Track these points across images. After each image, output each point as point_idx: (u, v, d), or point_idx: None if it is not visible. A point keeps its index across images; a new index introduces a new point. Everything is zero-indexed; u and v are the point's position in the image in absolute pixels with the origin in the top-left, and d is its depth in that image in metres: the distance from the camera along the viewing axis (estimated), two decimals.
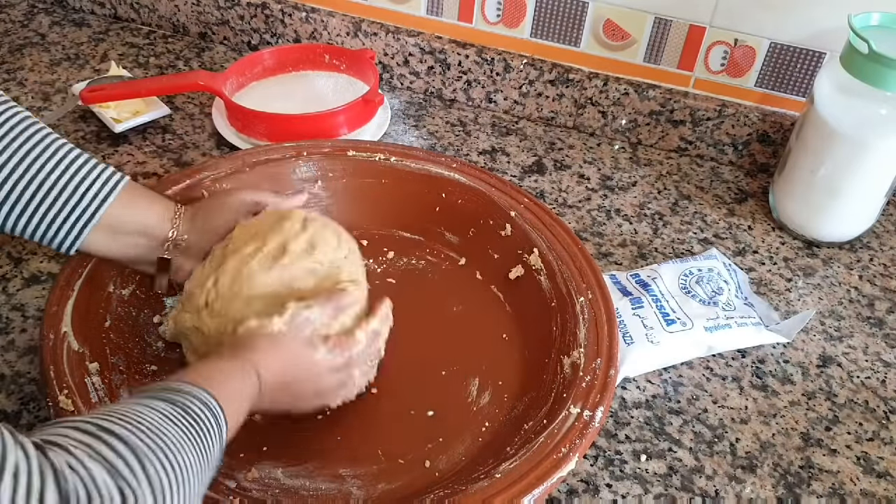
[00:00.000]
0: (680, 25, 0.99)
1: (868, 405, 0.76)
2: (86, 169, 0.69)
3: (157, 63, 1.15)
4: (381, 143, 0.96)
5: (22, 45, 1.16)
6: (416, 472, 0.67)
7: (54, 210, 0.67)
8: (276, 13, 1.14)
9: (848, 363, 0.80)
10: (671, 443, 0.72)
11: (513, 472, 0.61)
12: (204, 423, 0.52)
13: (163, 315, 0.77)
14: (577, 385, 0.67)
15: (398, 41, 1.10)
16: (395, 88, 1.14)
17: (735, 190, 1.02)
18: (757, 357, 0.80)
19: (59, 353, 0.67)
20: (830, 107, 0.87)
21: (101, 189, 0.69)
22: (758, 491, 0.69)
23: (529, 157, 1.04)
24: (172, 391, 0.53)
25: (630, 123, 1.06)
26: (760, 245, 0.94)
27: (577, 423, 0.64)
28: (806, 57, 0.97)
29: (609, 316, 0.73)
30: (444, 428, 0.70)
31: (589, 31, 1.03)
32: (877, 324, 0.85)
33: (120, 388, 0.68)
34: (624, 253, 0.91)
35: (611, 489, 0.68)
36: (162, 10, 1.20)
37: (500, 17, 1.06)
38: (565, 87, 1.06)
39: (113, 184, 0.69)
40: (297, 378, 0.64)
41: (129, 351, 0.72)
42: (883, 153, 0.86)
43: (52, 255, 0.84)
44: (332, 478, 0.66)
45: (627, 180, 1.02)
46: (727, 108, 1.02)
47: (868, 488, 0.69)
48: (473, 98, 1.12)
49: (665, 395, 0.76)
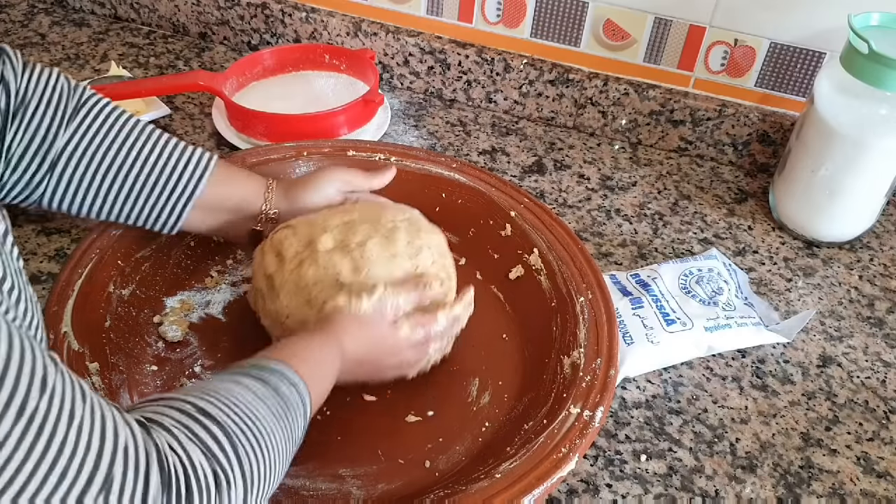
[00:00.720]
0: (680, 25, 0.99)
1: (868, 405, 0.76)
2: (178, 150, 0.72)
3: (157, 63, 1.15)
4: (381, 143, 0.96)
5: (22, 45, 1.16)
6: (416, 472, 0.67)
7: (155, 194, 0.71)
8: (276, 13, 1.14)
9: (848, 363, 0.80)
10: (671, 443, 0.72)
11: (513, 472, 0.61)
12: (291, 404, 0.54)
13: (163, 315, 0.77)
14: (577, 385, 0.67)
15: (398, 41, 1.10)
16: (395, 88, 1.14)
17: (735, 190, 1.02)
18: (757, 357, 0.80)
19: (59, 353, 0.67)
20: (830, 107, 0.87)
21: (196, 168, 0.72)
22: (758, 491, 0.69)
23: (529, 157, 1.04)
24: (265, 370, 0.55)
25: (630, 123, 1.06)
26: (760, 245, 0.94)
27: (577, 423, 0.64)
28: (806, 57, 0.97)
29: (609, 316, 0.73)
30: (444, 428, 0.70)
31: (589, 32, 1.03)
32: (877, 324, 0.85)
33: (120, 388, 0.68)
34: (624, 253, 0.91)
35: (611, 489, 0.68)
36: (162, 10, 1.20)
37: (500, 18, 1.06)
38: (565, 87, 1.06)
39: (206, 162, 0.73)
40: (378, 354, 0.67)
41: (129, 351, 0.72)
42: (883, 153, 0.86)
43: (52, 255, 0.84)
44: (332, 478, 0.66)
45: (627, 180, 1.02)
46: (727, 108, 1.02)
47: (868, 488, 0.69)
48: (473, 98, 1.12)
49: (665, 395, 0.76)
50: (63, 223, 0.87)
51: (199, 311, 0.79)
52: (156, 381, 0.72)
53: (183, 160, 0.72)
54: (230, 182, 0.75)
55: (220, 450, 0.47)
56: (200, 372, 0.73)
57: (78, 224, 0.87)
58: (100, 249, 0.76)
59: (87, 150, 0.68)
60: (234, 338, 0.77)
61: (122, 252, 0.77)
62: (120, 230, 0.78)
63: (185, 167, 0.71)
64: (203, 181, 0.72)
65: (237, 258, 0.84)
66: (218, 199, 0.74)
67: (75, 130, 0.68)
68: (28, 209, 0.88)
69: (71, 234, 0.86)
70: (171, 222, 0.73)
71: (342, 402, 0.72)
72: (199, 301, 0.80)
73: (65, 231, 0.87)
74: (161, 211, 0.72)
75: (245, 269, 0.83)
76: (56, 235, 0.86)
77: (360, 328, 0.66)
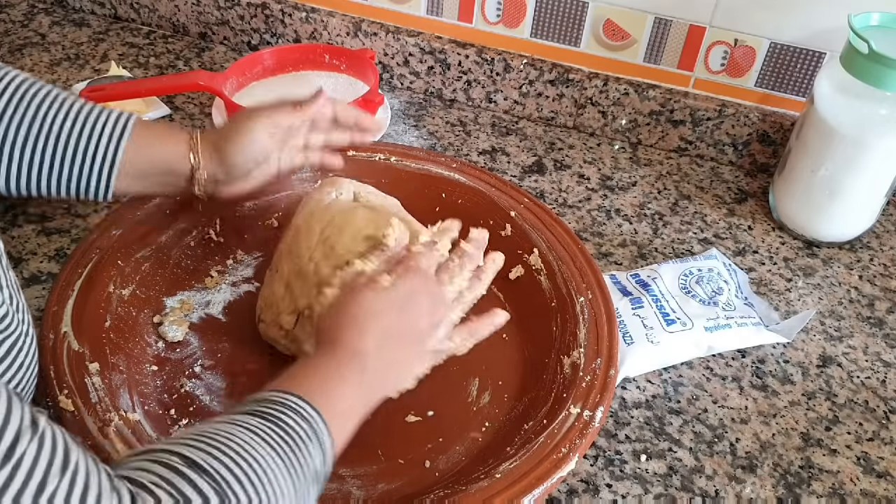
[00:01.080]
0: (680, 25, 0.99)
1: (868, 405, 0.76)
2: (93, 117, 0.69)
3: (157, 63, 1.15)
4: (381, 143, 0.96)
5: (22, 45, 1.16)
6: (416, 472, 0.67)
7: (77, 165, 0.68)
8: (276, 13, 1.14)
9: (848, 363, 0.80)
10: (671, 443, 0.72)
11: (513, 472, 0.61)
12: (298, 434, 0.50)
13: (163, 315, 0.77)
14: (577, 385, 0.67)
15: (398, 41, 1.10)
16: (395, 88, 1.14)
17: (735, 190, 1.02)
18: (757, 357, 0.80)
19: (59, 353, 0.67)
20: (830, 107, 0.87)
21: (113, 133, 0.68)
22: (758, 491, 0.68)
23: (529, 157, 1.04)
24: (265, 403, 0.52)
25: (630, 123, 1.06)
26: (760, 245, 0.94)
27: (577, 423, 0.64)
28: (806, 57, 0.97)
29: (609, 316, 0.73)
30: (444, 428, 0.70)
31: (589, 32, 1.03)
32: (877, 324, 0.85)
33: (120, 388, 0.68)
34: (624, 253, 0.91)
35: (611, 489, 0.68)
36: (162, 10, 1.20)
37: (500, 18, 1.06)
38: (565, 87, 1.06)
39: (122, 126, 0.69)
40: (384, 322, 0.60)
41: (129, 351, 0.72)
42: (883, 153, 0.86)
43: (52, 255, 0.84)
44: (333, 478, 0.66)
45: (627, 180, 1.02)
46: (727, 108, 1.02)
47: (868, 488, 0.69)
48: (473, 98, 1.12)
49: (665, 395, 0.76)
50: (63, 223, 0.87)
51: (199, 311, 0.79)
52: (156, 381, 0.72)
53: (98, 127, 0.68)
54: (152, 145, 0.70)
55: None
56: (200, 372, 0.73)
57: (78, 224, 0.87)
58: (100, 249, 0.76)
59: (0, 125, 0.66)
60: (234, 338, 0.76)
61: (122, 252, 0.77)
62: (120, 230, 0.78)
63: (101, 134, 0.68)
64: (121, 147, 0.68)
65: (237, 258, 0.84)
66: (143, 165, 0.70)
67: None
68: (28, 209, 0.88)
69: (71, 234, 0.86)
70: (101, 190, 0.69)
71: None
72: (199, 301, 0.80)
73: (65, 231, 0.87)
74: (88, 182, 0.69)
75: (245, 270, 0.83)
76: (56, 235, 0.86)
77: (343, 313, 0.60)
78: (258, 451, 0.48)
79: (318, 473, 0.52)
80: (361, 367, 0.58)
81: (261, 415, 0.50)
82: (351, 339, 0.58)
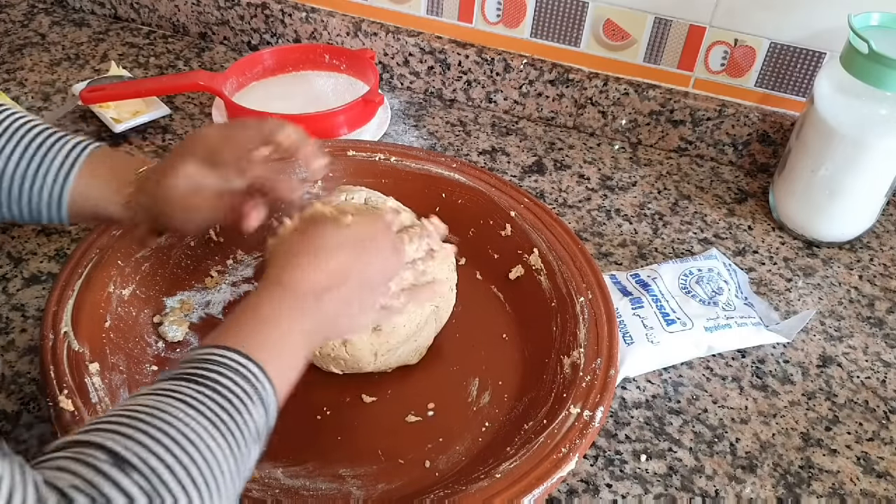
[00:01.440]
0: (680, 25, 0.99)
1: (868, 405, 0.76)
2: (50, 142, 0.65)
3: (157, 63, 1.15)
4: (381, 143, 0.96)
5: (22, 45, 1.16)
6: (416, 472, 0.67)
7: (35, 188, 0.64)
8: (276, 13, 1.14)
9: (848, 363, 0.80)
10: (671, 443, 0.72)
11: (513, 472, 0.61)
12: (239, 398, 0.47)
13: (163, 315, 0.77)
14: (577, 385, 0.67)
15: (398, 41, 1.10)
16: (395, 88, 1.14)
17: (735, 190, 1.02)
18: (757, 357, 0.80)
19: (59, 353, 0.67)
20: (830, 107, 0.87)
21: (65, 162, 0.65)
22: (758, 491, 0.69)
23: (529, 157, 1.04)
24: (203, 364, 0.48)
25: (630, 123, 1.06)
26: (760, 245, 0.94)
27: (577, 423, 0.64)
28: (806, 57, 0.97)
29: (609, 316, 0.73)
30: (444, 428, 0.70)
31: (589, 31, 1.03)
32: (877, 324, 0.85)
33: (120, 388, 0.68)
34: (624, 253, 0.91)
35: (611, 489, 0.68)
36: (162, 10, 1.20)
37: (500, 18, 1.06)
38: (565, 87, 1.06)
39: (76, 155, 0.65)
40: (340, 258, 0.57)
41: (129, 351, 0.72)
42: (883, 153, 0.86)
43: (52, 255, 0.84)
44: (332, 478, 0.66)
45: (627, 180, 1.02)
46: (727, 108, 1.02)
47: (868, 488, 0.69)
48: (473, 98, 1.12)
49: (665, 395, 0.76)
50: None
51: (199, 311, 0.79)
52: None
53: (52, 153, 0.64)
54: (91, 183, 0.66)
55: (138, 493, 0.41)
56: None
57: (78, 224, 0.87)
58: (100, 249, 0.76)
59: None
60: None
61: (122, 252, 0.77)
62: (120, 230, 0.78)
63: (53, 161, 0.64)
64: (70, 178, 0.64)
65: (237, 258, 0.84)
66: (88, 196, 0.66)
67: None
68: None
69: (71, 234, 0.86)
70: (55, 218, 0.66)
71: (342, 402, 0.72)
72: (199, 301, 0.80)
73: (65, 231, 0.87)
74: (41, 207, 0.65)
75: (245, 269, 0.83)
76: (56, 235, 0.86)
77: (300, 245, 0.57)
78: (195, 429, 0.44)
79: (259, 433, 0.49)
80: (311, 309, 0.55)
81: (198, 380, 0.47)
82: (302, 277, 0.55)
